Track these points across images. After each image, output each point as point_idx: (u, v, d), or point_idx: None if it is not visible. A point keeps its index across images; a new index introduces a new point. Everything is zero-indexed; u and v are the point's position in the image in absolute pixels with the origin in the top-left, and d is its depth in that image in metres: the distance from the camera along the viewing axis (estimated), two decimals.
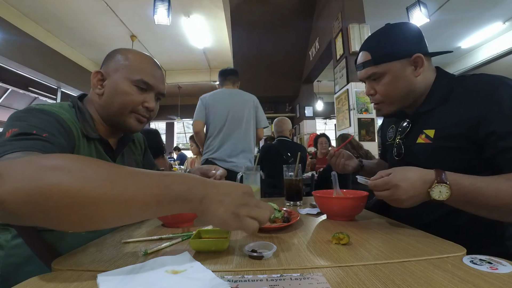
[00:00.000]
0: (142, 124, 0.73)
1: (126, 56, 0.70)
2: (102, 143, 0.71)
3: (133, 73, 0.68)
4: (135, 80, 0.68)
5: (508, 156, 0.57)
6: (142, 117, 0.72)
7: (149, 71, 0.70)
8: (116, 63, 0.70)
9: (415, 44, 0.71)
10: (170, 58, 6.03)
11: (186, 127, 9.05)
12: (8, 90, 4.82)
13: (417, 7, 3.17)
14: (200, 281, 0.35)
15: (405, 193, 0.56)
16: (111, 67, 0.70)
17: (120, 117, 0.70)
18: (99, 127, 0.72)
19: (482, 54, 5.45)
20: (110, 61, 0.71)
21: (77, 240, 0.58)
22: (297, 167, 1.00)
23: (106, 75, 0.69)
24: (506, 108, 0.58)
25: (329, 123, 8.50)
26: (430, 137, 0.70)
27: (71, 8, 4.04)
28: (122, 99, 0.68)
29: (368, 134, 2.85)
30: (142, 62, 0.71)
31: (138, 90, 0.69)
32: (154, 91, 0.72)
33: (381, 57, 0.71)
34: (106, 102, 0.69)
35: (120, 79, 0.68)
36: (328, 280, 0.36)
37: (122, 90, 0.67)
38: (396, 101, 0.74)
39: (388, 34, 0.73)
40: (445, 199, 0.55)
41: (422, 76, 0.71)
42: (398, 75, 0.70)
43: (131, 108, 0.69)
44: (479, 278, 0.35)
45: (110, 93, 0.68)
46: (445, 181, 0.54)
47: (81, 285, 0.36)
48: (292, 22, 4.36)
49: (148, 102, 0.70)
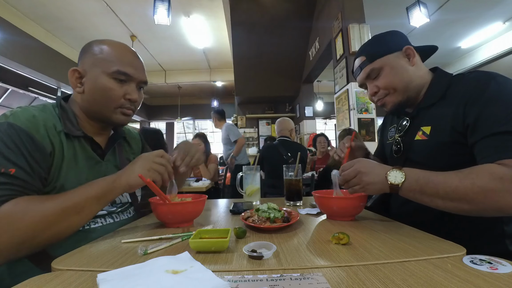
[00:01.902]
0: (128, 117, 0.73)
1: (100, 48, 0.67)
2: (87, 140, 0.70)
3: (109, 65, 0.66)
4: (112, 72, 0.66)
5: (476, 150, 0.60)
6: (127, 110, 0.71)
7: (125, 60, 0.68)
8: (92, 57, 0.67)
9: (403, 40, 0.78)
10: (170, 58, 6.02)
11: (186, 127, 9.05)
12: (8, 90, 4.82)
13: (417, 7, 3.17)
14: (200, 281, 0.35)
15: (368, 177, 0.63)
16: (87, 62, 0.67)
17: (105, 113, 0.69)
18: (85, 125, 0.71)
19: (482, 54, 5.45)
20: (85, 56, 0.68)
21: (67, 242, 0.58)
22: (297, 167, 1.00)
23: (83, 72, 0.67)
24: (485, 102, 0.60)
25: (329, 123, 8.50)
26: (426, 133, 0.72)
27: (71, 8, 4.04)
28: (103, 94, 0.66)
29: (368, 134, 2.85)
30: (117, 52, 0.68)
31: (118, 83, 0.67)
32: (135, 81, 0.70)
33: (374, 54, 0.77)
34: (87, 100, 0.68)
35: (98, 74, 0.66)
36: (328, 280, 0.36)
37: (102, 86, 0.66)
38: (400, 90, 0.76)
39: (377, 38, 0.80)
40: (400, 183, 0.59)
41: (417, 67, 0.76)
42: (395, 65, 0.75)
43: (114, 104, 0.68)
44: (479, 278, 0.35)
45: (90, 91, 0.67)
46: (400, 168, 0.61)
47: (81, 285, 0.36)
48: (292, 22, 4.35)
49: (130, 94, 0.69)
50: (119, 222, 0.73)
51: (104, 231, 0.66)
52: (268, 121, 6.16)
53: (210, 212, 0.91)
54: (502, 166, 0.53)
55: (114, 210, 0.73)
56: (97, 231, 0.66)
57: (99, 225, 0.68)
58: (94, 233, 0.65)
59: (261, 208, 0.69)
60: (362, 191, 0.66)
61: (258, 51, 4.81)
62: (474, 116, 0.61)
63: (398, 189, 0.60)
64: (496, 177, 0.51)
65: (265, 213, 0.66)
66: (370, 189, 0.65)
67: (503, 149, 0.55)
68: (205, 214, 0.87)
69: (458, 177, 0.55)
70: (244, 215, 0.70)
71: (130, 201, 0.80)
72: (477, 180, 0.52)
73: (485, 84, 0.62)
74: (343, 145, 0.84)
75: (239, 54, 4.90)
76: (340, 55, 3.13)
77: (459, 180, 0.54)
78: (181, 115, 7.97)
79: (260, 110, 6.09)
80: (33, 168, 0.56)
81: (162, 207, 0.68)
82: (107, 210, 0.71)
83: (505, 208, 0.51)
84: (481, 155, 0.59)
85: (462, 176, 0.55)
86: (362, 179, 0.64)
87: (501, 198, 0.50)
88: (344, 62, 3.01)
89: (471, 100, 0.63)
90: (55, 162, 0.61)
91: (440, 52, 5.47)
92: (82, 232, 0.64)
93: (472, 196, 0.52)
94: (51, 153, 0.61)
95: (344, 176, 0.68)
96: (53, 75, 4.82)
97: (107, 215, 0.71)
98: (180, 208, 0.70)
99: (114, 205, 0.74)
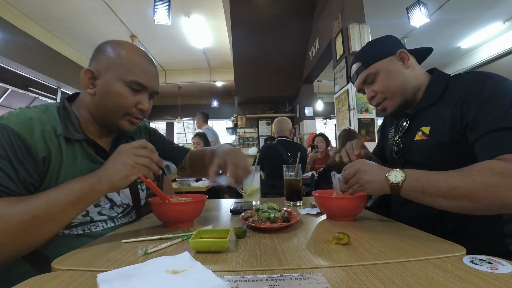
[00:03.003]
0: (134, 126, 0.71)
1: (118, 52, 0.65)
2: (90, 143, 0.68)
3: (127, 73, 0.64)
4: (129, 82, 0.64)
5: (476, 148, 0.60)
6: (135, 119, 0.70)
7: (143, 70, 0.67)
8: (108, 60, 0.65)
9: (396, 44, 0.79)
10: (170, 58, 6.02)
11: (186, 127, 9.05)
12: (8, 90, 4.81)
13: (417, 7, 3.16)
14: (200, 281, 0.35)
15: (367, 175, 0.64)
16: (102, 64, 0.65)
17: (113, 118, 0.67)
18: (89, 128, 0.69)
19: (482, 54, 5.44)
20: (100, 57, 0.66)
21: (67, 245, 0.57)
22: (297, 167, 1.00)
23: (97, 73, 0.65)
24: (482, 101, 0.60)
25: (329, 123, 8.49)
26: (425, 133, 0.73)
27: (71, 8, 4.04)
28: (115, 101, 0.65)
29: (368, 134, 2.84)
30: (136, 60, 0.66)
31: (132, 92, 0.66)
32: (148, 91, 0.69)
33: (369, 59, 0.78)
34: (98, 103, 0.66)
35: (113, 80, 0.64)
36: (328, 280, 0.36)
37: (115, 92, 0.64)
38: (397, 93, 0.77)
39: (371, 44, 0.83)
40: (400, 182, 0.59)
41: (412, 69, 0.77)
42: (390, 69, 0.76)
43: (124, 111, 0.66)
44: (479, 278, 0.35)
45: (102, 94, 0.65)
46: (400, 169, 0.61)
47: (81, 285, 0.36)
48: (292, 22, 4.35)
49: (141, 104, 0.68)
50: (120, 226, 0.72)
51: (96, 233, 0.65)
52: (268, 121, 6.15)
53: (210, 212, 0.91)
54: (503, 161, 0.53)
55: (115, 215, 0.72)
56: (97, 236, 0.64)
57: (100, 229, 0.67)
58: (94, 237, 0.63)
59: (261, 208, 0.69)
60: (361, 190, 0.66)
61: (258, 51, 4.80)
62: (472, 115, 0.61)
63: (399, 188, 0.60)
64: (496, 172, 0.51)
65: (265, 213, 0.66)
66: (369, 188, 0.65)
67: (502, 144, 0.55)
68: (205, 214, 0.87)
69: (459, 175, 0.55)
70: (244, 215, 0.70)
71: (132, 204, 0.78)
72: (478, 176, 0.52)
73: (482, 84, 0.63)
74: (351, 149, 0.82)
75: (239, 54, 4.89)
76: (340, 55, 3.13)
77: (460, 178, 0.54)
78: (181, 115, 7.96)
79: (260, 110, 6.09)
80: (18, 174, 0.53)
81: (162, 207, 0.68)
82: (107, 215, 0.69)
83: (508, 204, 0.50)
84: (481, 153, 0.59)
85: (463, 173, 0.54)
86: (361, 177, 0.65)
87: (503, 194, 0.50)
88: (344, 62, 3.01)
89: (468, 99, 0.63)
90: (51, 167, 0.59)
91: (440, 52, 5.51)
92: (82, 236, 0.63)
93: (474, 193, 0.52)
94: (46, 158, 0.58)
95: (344, 175, 0.69)
96: (53, 75, 4.81)
97: (108, 219, 0.70)
98: (180, 208, 0.70)
99: (114, 209, 0.72)
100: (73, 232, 0.63)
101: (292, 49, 4.84)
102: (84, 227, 0.65)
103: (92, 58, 0.68)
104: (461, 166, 0.57)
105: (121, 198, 0.74)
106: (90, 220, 0.66)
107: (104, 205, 0.69)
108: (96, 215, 0.67)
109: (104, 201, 0.69)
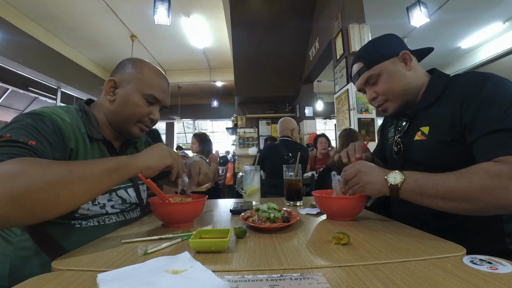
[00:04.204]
0: (143, 132, 0.81)
1: (140, 69, 0.76)
2: (106, 143, 0.76)
3: (145, 87, 0.74)
4: (146, 94, 0.75)
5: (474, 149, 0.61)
6: (145, 127, 0.79)
7: (159, 86, 0.77)
8: (130, 74, 0.75)
9: (399, 45, 0.78)
10: (170, 58, 6.02)
11: (186, 127, 9.06)
12: (8, 90, 4.83)
13: (417, 7, 3.16)
14: (200, 281, 0.35)
15: (367, 176, 0.65)
16: (124, 77, 0.75)
17: (127, 124, 0.76)
18: (104, 130, 0.77)
19: (482, 54, 5.44)
20: (123, 70, 0.76)
21: (83, 237, 0.61)
22: (297, 167, 1.00)
23: (119, 84, 0.75)
24: (481, 102, 0.61)
25: (329, 123, 8.50)
26: (425, 133, 0.73)
27: (71, 8, 4.04)
28: (131, 109, 0.74)
29: (368, 134, 2.84)
30: (156, 79, 0.77)
31: (147, 103, 0.76)
32: (160, 104, 0.79)
33: (372, 60, 0.77)
34: (116, 109, 0.75)
35: (133, 91, 0.74)
36: (328, 280, 0.36)
37: (133, 102, 0.74)
38: (398, 95, 0.76)
39: (373, 44, 0.81)
40: (399, 183, 0.60)
41: (414, 71, 0.76)
42: (392, 71, 0.75)
43: (137, 119, 0.76)
44: (479, 278, 0.35)
45: (121, 102, 0.74)
46: (400, 171, 0.62)
47: (81, 285, 0.36)
48: (292, 22, 4.35)
49: (153, 114, 0.78)
50: (129, 220, 0.79)
51: (117, 227, 0.71)
52: (268, 121, 6.15)
53: (210, 212, 0.91)
54: (499, 163, 0.53)
55: (125, 208, 0.79)
56: (111, 227, 0.71)
57: (113, 222, 0.73)
58: (108, 228, 0.69)
59: (261, 208, 0.69)
60: (361, 191, 0.66)
61: (258, 51, 4.80)
62: (471, 115, 0.61)
63: (398, 190, 0.60)
64: (492, 174, 0.51)
65: (265, 213, 0.66)
66: (369, 189, 0.65)
67: (499, 146, 0.55)
68: (205, 214, 0.87)
69: (455, 177, 0.55)
70: (244, 215, 0.70)
71: (137, 202, 0.84)
72: (475, 178, 0.53)
73: (481, 84, 0.63)
74: (353, 151, 0.82)
75: (239, 54, 4.89)
76: (340, 55, 3.13)
77: (456, 180, 0.54)
78: (181, 115, 7.96)
79: (260, 110, 6.08)
80: (53, 150, 0.57)
81: (162, 207, 0.68)
82: (119, 208, 0.76)
83: (505, 205, 0.51)
84: (479, 154, 0.59)
85: (460, 175, 0.55)
86: (362, 178, 0.65)
87: (500, 195, 0.50)
88: (344, 62, 3.01)
89: (467, 99, 0.63)
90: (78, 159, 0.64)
91: (440, 52, 5.51)
92: (98, 228, 0.68)
93: (471, 194, 0.53)
94: (73, 150, 0.64)
95: (344, 176, 0.69)
96: (53, 75, 4.81)
97: (120, 213, 0.76)
98: (180, 208, 0.70)
99: (124, 204, 0.78)
100: (89, 223, 0.68)
101: (292, 49, 4.83)
102: (99, 218, 0.70)
103: (115, 70, 0.78)
104: (460, 166, 0.57)
105: (129, 196, 0.80)
106: (105, 212, 0.72)
107: (116, 201, 0.76)
108: (110, 209, 0.73)
109: (115, 198, 0.75)
